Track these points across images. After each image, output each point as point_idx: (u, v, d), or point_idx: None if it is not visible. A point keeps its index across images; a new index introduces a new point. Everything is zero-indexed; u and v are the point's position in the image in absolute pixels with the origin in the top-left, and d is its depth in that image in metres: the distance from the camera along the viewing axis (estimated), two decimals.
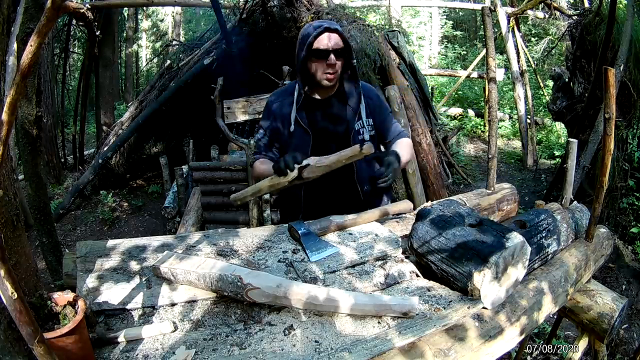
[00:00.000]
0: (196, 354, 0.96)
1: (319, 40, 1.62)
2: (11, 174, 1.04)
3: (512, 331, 1.23)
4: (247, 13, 5.40)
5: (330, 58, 1.63)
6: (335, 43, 1.63)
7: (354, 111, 1.78)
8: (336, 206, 1.73)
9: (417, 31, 13.98)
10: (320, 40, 1.62)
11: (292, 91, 1.79)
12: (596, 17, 4.98)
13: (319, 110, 1.77)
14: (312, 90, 1.77)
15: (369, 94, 1.84)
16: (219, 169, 4.53)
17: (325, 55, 1.63)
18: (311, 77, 1.71)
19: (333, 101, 1.78)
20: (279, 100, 1.81)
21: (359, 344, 1.01)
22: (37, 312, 0.90)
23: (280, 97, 1.82)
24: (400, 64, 5.20)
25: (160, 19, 14.99)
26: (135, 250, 1.34)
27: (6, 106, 0.63)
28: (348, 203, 1.79)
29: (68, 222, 5.46)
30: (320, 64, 1.65)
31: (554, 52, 9.98)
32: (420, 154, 4.91)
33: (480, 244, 1.22)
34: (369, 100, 1.83)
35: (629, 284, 3.89)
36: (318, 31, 1.61)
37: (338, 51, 1.64)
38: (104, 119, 7.40)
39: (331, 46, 1.63)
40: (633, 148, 4.75)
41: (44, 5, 1.19)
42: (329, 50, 1.62)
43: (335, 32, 1.64)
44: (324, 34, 1.62)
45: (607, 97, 1.51)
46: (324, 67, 1.65)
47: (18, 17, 2.47)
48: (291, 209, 1.87)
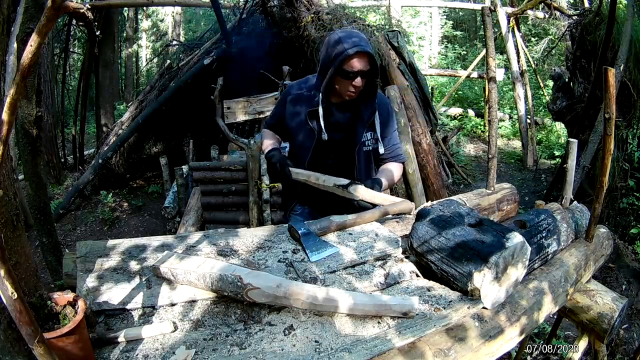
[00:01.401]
0: (196, 354, 0.96)
1: (350, 63, 1.63)
2: (11, 174, 1.04)
3: (512, 331, 1.23)
4: (247, 13, 5.40)
5: (357, 80, 1.65)
6: (364, 65, 1.65)
7: (365, 123, 1.81)
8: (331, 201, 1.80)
9: (417, 31, 13.97)
10: (352, 63, 1.63)
11: (312, 87, 1.81)
12: (596, 17, 4.98)
13: (333, 114, 1.80)
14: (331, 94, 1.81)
15: (381, 108, 1.86)
16: (219, 169, 4.53)
17: (354, 77, 1.65)
18: (334, 88, 1.74)
19: (347, 108, 1.81)
20: (297, 92, 1.85)
21: (359, 344, 1.01)
22: (37, 312, 0.90)
23: (299, 89, 1.85)
24: (400, 64, 5.20)
25: (160, 19, 14.99)
26: (135, 250, 1.34)
27: (6, 106, 0.63)
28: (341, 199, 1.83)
29: (68, 222, 5.45)
30: (347, 83, 1.68)
31: (554, 52, 9.99)
32: (420, 154, 4.91)
33: (480, 244, 1.22)
34: (380, 116, 1.85)
35: (629, 284, 3.89)
36: (350, 53, 1.60)
37: (365, 73, 1.66)
38: (104, 119, 7.40)
39: (360, 68, 1.64)
40: (633, 148, 4.75)
41: (44, 5, 1.19)
42: (358, 73, 1.64)
43: (366, 56, 1.64)
44: (356, 57, 1.62)
45: (607, 97, 1.51)
46: (349, 86, 1.68)
47: (18, 17, 2.47)
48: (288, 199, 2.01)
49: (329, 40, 1.69)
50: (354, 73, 1.64)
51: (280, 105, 1.92)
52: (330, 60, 1.65)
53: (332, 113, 1.80)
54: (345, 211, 1.69)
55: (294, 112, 1.83)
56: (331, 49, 1.66)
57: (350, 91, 1.69)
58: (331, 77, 1.68)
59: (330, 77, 1.68)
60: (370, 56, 1.65)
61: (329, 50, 1.67)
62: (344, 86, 1.69)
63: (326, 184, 1.68)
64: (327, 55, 1.68)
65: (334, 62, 1.63)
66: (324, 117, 1.76)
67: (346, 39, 1.63)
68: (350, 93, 1.70)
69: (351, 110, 1.82)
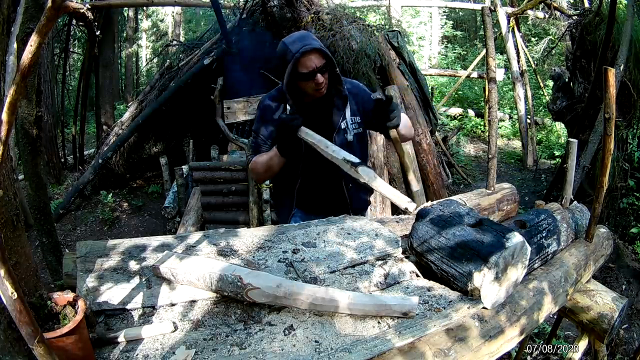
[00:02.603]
0: (196, 354, 0.96)
1: (301, 64, 1.64)
2: (11, 174, 1.04)
3: (512, 331, 1.23)
4: (247, 13, 5.40)
5: (317, 77, 1.66)
6: (318, 61, 1.66)
7: (340, 112, 1.84)
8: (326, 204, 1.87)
9: (417, 31, 13.96)
10: (303, 64, 1.64)
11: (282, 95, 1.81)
12: (596, 17, 4.97)
13: (307, 113, 1.80)
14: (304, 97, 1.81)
15: (352, 90, 1.88)
16: (219, 169, 4.53)
17: (312, 76, 1.66)
18: (302, 92, 1.75)
19: (320, 104, 1.82)
20: (270, 104, 1.85)
21: (359, 344, 1.01)
22: (37, 312, 0.90)
23: (270, 101, 1.86)
24: (400, 64, 5.20)
25: (160, 19, 14.97)
26: (135, 250, 1.34)
27: (6, 106, 0.63)
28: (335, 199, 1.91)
29: (68, 222, 5.45)
30: (309, 83, 1.69)
31: (554, 52, 9.98)
32: (420, 154, 4.91)
33: (480, 244, 1.22)
34: (355, 97, 1.87)
35: (629, 284, 3.89)
36: (297, 56, 1.62)
37: (323, 68, 1.67)
38: (104, 119, 7.40)
39: (315, 66, 1.65)
40: (633, 148, 4.74)
41: (44, 5, 1.19)
42: (315, 71, 1.65)
43: (314, 52, 1.65)
44: (304, 57, 1.63)
45: (607, 97, 1.51)
46: (313, 85, 1.69)
47: (18, 17, 2.47)
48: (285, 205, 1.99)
49: (278, 51, 1.72)
50: (311, 72, 1.65)
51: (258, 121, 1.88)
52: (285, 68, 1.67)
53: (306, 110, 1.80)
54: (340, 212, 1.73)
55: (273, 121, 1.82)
56: (282, 57, 1.69)
57: (316, 89, 1.70)
58: (293, 82, 1.70)
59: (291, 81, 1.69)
60: (320, 51, 1.66)
61: (281, 59, 1.70)
62: (309, 86, 1.70)
63: (335, 155, 1.62)
64: (282, 64, 1.70)
65: (289, 68, 1.64)
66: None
67: (291, 43, 1.66)
68: (318, 91, 1.71)
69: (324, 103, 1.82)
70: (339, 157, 1.60)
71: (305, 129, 1.69)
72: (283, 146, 1.71)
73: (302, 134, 1.68)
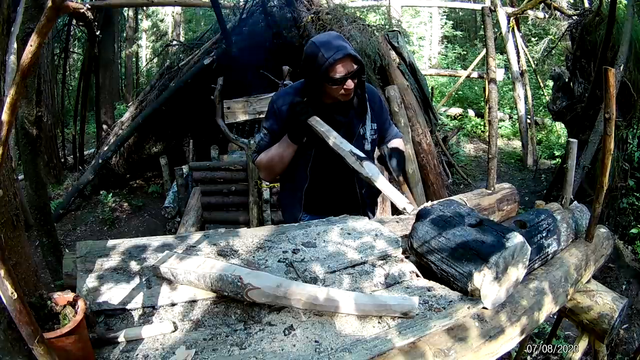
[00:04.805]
0: (196, 354, 0.96)
1: (335, 69, 1.59)
2: (11, 174, 1.04)
3: (512, 331, 1.23)
4: (247, 13, 5.40)
5: (347, 83, 1.62)
6: (350, 67, 1.61)
7: (360, 117, 1.80)
8: (336, 206, 1.79)
9: (417, 31, 13.97)
10: (337, 69, 1.59)
11: (297, 92, 1.77)
12: (596, 17, 4.97)
13: (325, 115, 1.76)
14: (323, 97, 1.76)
15: (373, 98, 1.85)
16: (219, 169, 4.53)
17: (343, 82, 1.62)
18: (323, 92, 1.70)
19: (339, 107, 1.77)
20: (284, 101, 1.79)
21: (359, 344, 1.01)
22: (37, 312, 0.89)
23: (285, 97, 1.80)
24: (400, 64, 5.20)
25: (160, 19, 14.96)
26: (135, 250, 1.34)
27: (6, 106, 0.63)
28: (347, 204, 1.84)
29: (68, 222, 5.45)
30: (337, 88, 1.64)
31: (554, 52, 9.98)
32: (420, 154, 4.91)
33: (480, 244, 1.22)
34: (374, 105, 1.84)
35: (629, 284, 3.89)
36: (331, 62, 1.56)
37: (354, 73, 1.63)
38: (104, 119, 7.39)
39: (348, 72, 1.60)
40: (633, 148, 4.74)
41: (44, 5, 1.19)
42: (346, 77, 1.61)
43: (349, 58, 1.60)
44: (339, 62, 1.58)
45: (607, 97, 1.51)
46: (342, 90, 1.64)
47: (18, 17, 2.48)
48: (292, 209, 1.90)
49: (307, 51, 1.66)
50: (343, 77, 1.61)
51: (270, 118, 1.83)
52: (314, 71, 1.62)
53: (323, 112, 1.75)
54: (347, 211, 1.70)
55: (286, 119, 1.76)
56: (311, 59, 1.62)
57: (343, 94, 1.67)
58: (319, 83, 1.65)
59: (316, 83, 1.65)
60: (354, 57, 1.62)
61: (310, 60, 1.63)
62: (336, 91, 1.66)
63: (342, 147, 1.59)
64: (307, 66, 1.65)
65: (319, 73, 1.60)
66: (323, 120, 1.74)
67: (323, 45, 1.60)
68: (344, 95, 1.68)
69: (343, 106, 1.78)
70: (345, 149, 1.59)
71: (316, 117, 1.67)
72: (294, 131, 1.68)
73: (312, 121, 1.66)
